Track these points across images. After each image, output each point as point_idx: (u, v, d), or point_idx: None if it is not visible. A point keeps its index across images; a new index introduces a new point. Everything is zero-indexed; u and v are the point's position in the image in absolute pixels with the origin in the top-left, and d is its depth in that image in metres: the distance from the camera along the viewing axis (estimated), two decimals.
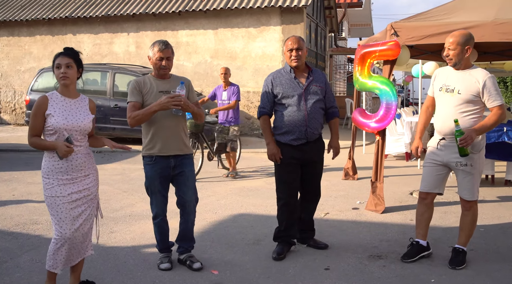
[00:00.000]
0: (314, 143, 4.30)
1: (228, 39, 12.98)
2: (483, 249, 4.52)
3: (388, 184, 6.92)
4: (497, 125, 4.19)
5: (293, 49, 4.23)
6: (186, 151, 4.01)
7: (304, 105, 4.19)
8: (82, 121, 3.36)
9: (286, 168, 4.30)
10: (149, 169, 3.95)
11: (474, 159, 3.99)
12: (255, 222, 5.37)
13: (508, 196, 6.49)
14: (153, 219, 4.06)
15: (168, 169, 3.93)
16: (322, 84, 4.32)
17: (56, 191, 3.29)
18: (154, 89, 3.88)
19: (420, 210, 4.31)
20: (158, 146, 3.89)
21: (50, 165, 3.31)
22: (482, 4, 5.94)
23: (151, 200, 4.03)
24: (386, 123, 5.78)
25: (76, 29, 14.34)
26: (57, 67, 3.31)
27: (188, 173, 4.00)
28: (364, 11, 21.87)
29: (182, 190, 4.00)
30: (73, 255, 3.41)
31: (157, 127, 3.88)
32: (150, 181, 3.96)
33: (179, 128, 3.97)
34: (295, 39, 4.28)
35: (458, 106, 3.95)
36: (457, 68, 4.04)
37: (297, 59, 4.22)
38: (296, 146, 4.24)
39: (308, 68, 4.35)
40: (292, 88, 4.22)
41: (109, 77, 11.12)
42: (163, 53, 3.84)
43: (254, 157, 9.96)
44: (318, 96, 4.26)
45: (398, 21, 5.88)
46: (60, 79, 3.31)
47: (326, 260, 4.24)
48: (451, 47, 3.96)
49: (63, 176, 3.31)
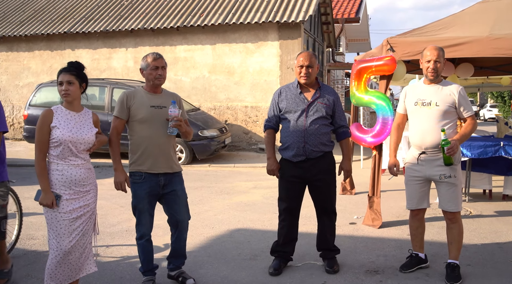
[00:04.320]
0: (317, 160, 4.16)
1: (226, 55, 13.04)
2: (480, 264, 4.50)
3: (386, 198, 6.91)
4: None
5: (303, 66, 4.12)
6: (176, 169, 3.91)
7: (304, 121, 4.10)
8: (86, 134, 3.39)
9: (285, 185, 4.28)
10: (137, 187, 3.80)
11: (457, 170, 4.07)
12: (252, 237, 5.35)
13: (506, 210, 6.49)
14: (138, 239, 3.89)
15: (158, 187, 3.82)
16: (329, 101, 4.18)
17: (58, 206, 3.30)
18: (145, 103, 3.78)
19: (413, 224, 4.39)
20: (148, 163, 3.77)
21: (53, 178, 3.31)
22: (477, 19, 6.01)
23: (138, 219, 3.86)
24: (382, 138, 5.79)
25: (74, 45, 14.40)
26: (59, 84, 3.35)
27: (179, 192, 3.92)
28: (362, 27, 21.99)
29: (175, 209, 3.91)
30: (71, 271, 3.40)
31: (148, 144, 3.76)
32: (139, 200, 3.81)
33: (170, 145, 3.86)
34: (307, 55, 4.14)
35: (437, 119, 4.02)
36: (432, 82, 4.10)
37: (306, 76, 4.12)
38: (296, 163, 4.17)
39: (318, 85, 4.24)
40: (296, 103, 4.15)
41: (107, 92, 11.16)
42: (157, 62, 3.79)
43: (252, 172, 9.96)
44: (321, 114, 4.12)
45: (394, 36, 5.92)
46: (62, 96, 3.36)
47: (323, 276, 4.22)
48: (439, 60, 4.02)
49: (66, 190, 3.32)
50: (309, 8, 12.42)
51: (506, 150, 6.28)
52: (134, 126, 3.80)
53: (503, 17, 5.81)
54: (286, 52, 12.46)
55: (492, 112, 34.29)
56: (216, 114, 12.96)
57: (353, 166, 8.20)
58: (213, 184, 8.52)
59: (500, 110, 31.52)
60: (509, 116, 17.21)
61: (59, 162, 3.32)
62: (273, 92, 11.83)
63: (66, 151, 3.31)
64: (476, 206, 6.69)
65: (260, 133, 12.64)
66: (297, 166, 4.17)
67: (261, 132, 12.57)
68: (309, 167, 4.16)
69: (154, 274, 3.99)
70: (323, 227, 4.38)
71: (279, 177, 4.31)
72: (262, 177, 8.90)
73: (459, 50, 5.43)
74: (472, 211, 6.42)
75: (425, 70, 4.10)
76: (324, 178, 4.22)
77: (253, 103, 12.83)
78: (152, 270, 3.97)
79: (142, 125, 3.77)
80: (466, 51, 5.44)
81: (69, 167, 3.33)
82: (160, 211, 3.99)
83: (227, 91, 13.07)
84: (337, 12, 19.28)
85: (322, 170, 4.20)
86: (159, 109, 3.79)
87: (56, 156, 3.32)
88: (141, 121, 3.77)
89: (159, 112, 3.79)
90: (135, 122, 3.79)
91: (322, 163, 4.19)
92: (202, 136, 10.58)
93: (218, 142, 10.91)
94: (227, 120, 12.91)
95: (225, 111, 13.10)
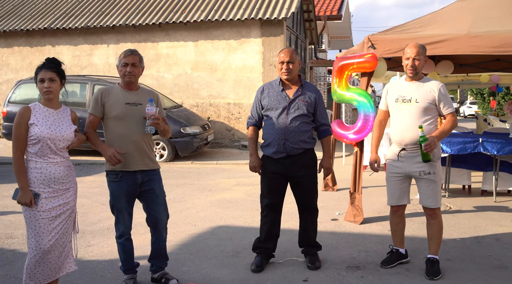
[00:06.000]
0: (298, 157, 4.16)
1: (209, 51, 13.00)
2: (459, 258, 4.57)
3: (367, 194, 6.97)
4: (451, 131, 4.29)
5: (284, 62, 4.12)
6: (153, 166, 3.87)
7: (284, 119, 4.10)
8: (65, 131, 3.35)
9: (266, 181, 4.29)
10: (114, 186, 3.76)
11: (436, 166, 4.12)
12: (234, 234, 5.35)
13: (484, 205, 6.59)
14: (118, 238, 3.84)
15: (135, 185, 3.77)
16: (311, 99, 4.17)
17: (37, 204, 3.25)
18: (120, 100, 3.73)
19: (394, 220, 4.45)
20: (124, 161, 3.70)
21: (32, 176, 3.27)
22: (456, 17, 6.08)
23: (116, 218, 3.83)
24: (364, 135, 5.84)
25: (55, 41, 14.21)
26: (40, 81, 3.30)
27: (158, 190, 3.88)
28: (344, 24, 22.08)
29: (153, 208, 3.87)
30: (51, 270, 3.36)
31: (123, 141, 3.72)
32: (116, 199, 3.77)
33: (145, 142, 3.81)
34: (288, 51, 4.14)
35: (417, 115, 4.06)
36: (412, 79, 4.14)
37: (287, 72, 4.12)
38: (277, 159, 4.18)
39: (300, 82, 4.23)
40: (278, 100, 4.16)
41: (89, 89, 11.04)
42: (127, 59, 3.71)
43: (235, 169, 9.95)
44: (302, 111, 4.11)
45: (375, 34, 5.97)
46: (44, 94, 3.31)
47: (305, 272, 4.25)
48: (418, 57, 4.06)
49: (45, 188, 3.28)
50: (292, 5, 12.44)
51: (485, 146, 6.38)
52: (108, 124, 3.77)
53: (481, 16, 5.89)
54: (268, 49, 12.47)
55: (472, 109, 34.71)
56: (198, 111, 12.92)
57: (335, 163, 8.29)
58: (196, 181, 8.50)
59: (480, 107, 31.93)
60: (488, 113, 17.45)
61: (38, 159, 3.28)
62: (255, 89, 11.88)
63: (45, 148, 3.27)
64: (455, 202, 6.78)
65: (243, 130, 12.64)
66: (278, 162, 4.18)
67: (244, 129, 12.57)
68: (290, 163, 4.17)
69: (135, 272, 3.96)
70: (305, 224, 4.40)
71: (261, 174, 4.32)
72: (245, 173, 8.90)
73: (439, 48, 5.49)
74: (452, 207, 6.51)
75: (405, 67, 4.14)
76: (305, 175, 4.23)
77: (236, 100, 12.82)
78: (133, 269, 3.95)
79: (117, 123, 3.73)
80: (446, 48, 5.50)
81: (48, 164, 3.29)
82: (141, 208, 3.97)
83: (209, 88, 13.03)
84: (320, 9, 19.32)
85: (303, 167, 4.20)
86: (134, 107, 3.74)
87: (34, 153, 3.28)
88: (115, 119, 3.72)
89: (135, 109, 3.75)
90: (110, 119, 3.75)
91: (303, 159, 4.20)
92: (185, 134, 10.54)
93: (200, 139, 10.88)
94: (210, 117, 12.88)
95: (207, 108, 13.07)
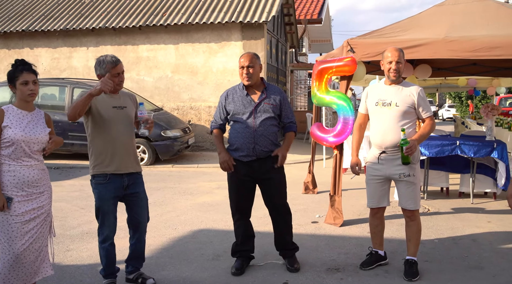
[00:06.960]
0: (266, 159, 4.18)
1: (189, 54, 12.97)
2: (437, 260, 4.63)
3: (347, 197, 7.02)
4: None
5: (244, 66, 4.14)
6: (138, 169, 3.91)
7: (252, 123, 4.12)
8: (40, 134, 3.32)
9: (235, 184, 4.30)
10: (102, 188, 3.73)
11: (415, 169, 4.18)
12: (215, 237, 5.35)
13: (462, 207, 6.69)
14: (102, 242, 3.80)
15: (121, 188, 3.77)
16: (275, 101, 4.19)
17: (9, 208, 3.21)
18: (107, 104, 3.75)
19: (373, 223, 4.49)
20: (115, 164, 3.72)
21: (5, 179, 3.22)
22: (434, 22, 6.18)
23: (102, 222, 3.78)
24: (343, 138, 5.89)
25: (33, 43, 14.04)
26: (24, 83, 3.28)
27: (142, 194, 3.91)
28: (324, 27, 22.26)
29: (137, 211, 3.89)
30: (26, 275, 3.31)
31: (115, 143, 3.73)
32: (103, 202, 3.74)
33: (133, 145, 3.89)
34: (247, 56, 4.16)
35: (397, 119, 4.11)
36: (393, 83, 4.19)
37: (248, 77, 4.13)
38: (246, 162, 4.19)
39: (264, 85, 4.26)
40: (244, 105, 4.17)
41: (68, 92, 10.92)
42: (117, 69, 3.71)
43: (215, 172, 9.93)
44: (269, 114, 4.14)
45: (354, 37, 6.03)
46: (28, 96, 3.30)
47: (285, 274, 4.26)
48: (400, 60, 4.11)
49: (18, 192, 3.24)
50: (272, 9, 12.50)
51: (462, 148, 6.48)
52: (98, 127, 3.74)
53: (458, 21, 6.00)
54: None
55: (450, 112, 35.15)
56: (179, 115, 12.88)
57: (315, 165, 8.33)
58: (176, 184, 8.47)
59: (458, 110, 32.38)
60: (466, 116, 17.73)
61: (11, 162, 3.24)
62: None
63: (19, 151, 3.23)
64: (433, 203, 6.87)
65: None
66: (247, 164, 4.19)
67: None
68: (258, 165, 4.19)
69: (115, 277, 3.93)
70: (279, 228, 4.42)
71: (228, 177, 4.32)
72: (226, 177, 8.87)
73: (417, 52, 5.58)
74: (430, 208, 6.59)
75: (386, 71, 4.16)
76: (273, 175, 4.24)
77: (217, 103, 12.77)
78: (114, 274, 3.92)
79: (107, 126, 3.73)
80: (423, 52, 5.59)
81: (22, 167, 3.25)
82: (120, 212, 3.94)
83: (190, 91, 13.00)
84: (300, 13, 19.45)
85: (271, 168, 4.21)
86: (120, 110, 3.79)
87: (8, 156, 3.23)
88: (106, 122, 3.72)
89: (121, 112, 3.80)
90: (99, 123, 3.73)
91: (272, 161, 4.20)
92: (165, 137, 10.49)
93: (181, 142, 10.84)
94: (191, 121, 12.84)
95: (188, 111, 13.03)
